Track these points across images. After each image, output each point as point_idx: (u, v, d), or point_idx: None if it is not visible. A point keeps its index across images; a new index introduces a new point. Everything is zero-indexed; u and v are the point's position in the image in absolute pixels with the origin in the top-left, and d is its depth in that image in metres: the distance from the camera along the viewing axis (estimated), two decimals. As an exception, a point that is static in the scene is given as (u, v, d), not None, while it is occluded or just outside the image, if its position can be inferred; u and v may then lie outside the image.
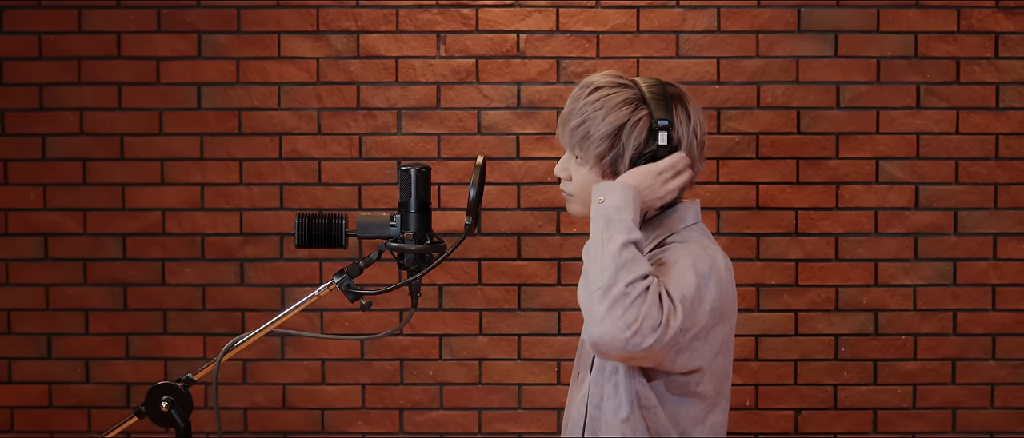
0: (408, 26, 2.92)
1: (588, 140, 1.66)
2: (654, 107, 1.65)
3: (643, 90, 1.67)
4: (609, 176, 1.68)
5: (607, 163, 1.66)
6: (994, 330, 2.95)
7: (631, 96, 1.66)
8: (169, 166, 2.95)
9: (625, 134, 1.65)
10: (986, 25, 2.90)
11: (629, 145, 1.65)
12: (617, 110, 1.65)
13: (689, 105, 1.69)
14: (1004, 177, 2.93)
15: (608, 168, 1.67)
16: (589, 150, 1.67)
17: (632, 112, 1.65)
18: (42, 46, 2.93)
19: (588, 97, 1.68)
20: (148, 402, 1.72)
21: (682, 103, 1.68)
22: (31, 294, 2.97)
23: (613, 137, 1.65)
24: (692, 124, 1.68)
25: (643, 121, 1.65)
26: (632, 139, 1.65)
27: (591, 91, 1.68)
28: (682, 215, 1.74)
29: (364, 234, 1.74)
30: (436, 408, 2.98)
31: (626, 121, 1.65)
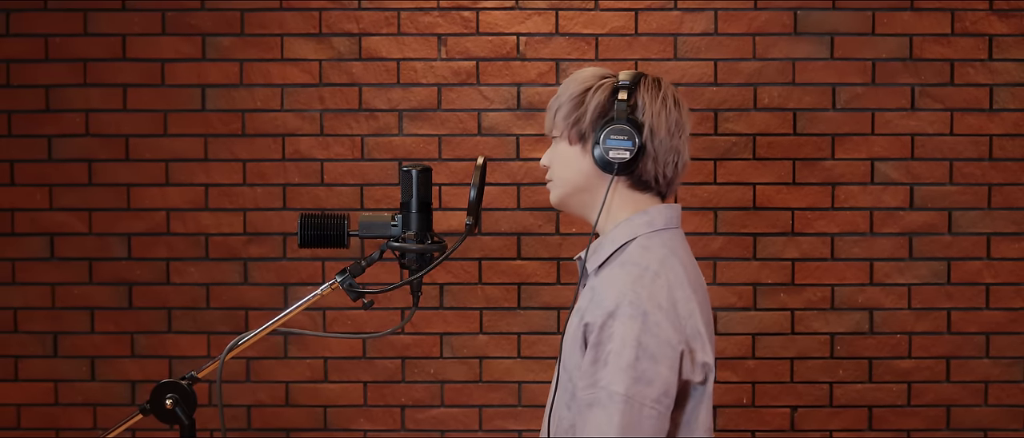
0: (409, 28, 2.92)
1: (560, 108, 1.68)
2: (622, 79, 1.65)
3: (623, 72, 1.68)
4: (575, 140, 1.66)
5: (571, 124, 1.66)
6: (988, 329, 2.95)
7: (607, 72, 1.69)
8: (174, 167, 2.95)
9: (589, 96, 1.65)
10: (980, 27, 2.90)
11: (591, 103, 1.64)
12: (586, 78, 1.68)
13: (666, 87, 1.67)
14: (997, 178, 2.93)
15: (573, 130, 1.66)
16: (559, 116, 1.68)
17: (600, 79, 1.67)
18: (48, 48, 2.93)
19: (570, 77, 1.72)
20: (153, 400, 1.72)
21: (657, 83, 1.67)
22: (37, 293, 2.97)
23: (578, 97, 1.66)
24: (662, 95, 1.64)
25: (607, 85, 1.66)
26: (595, 98, 1.65)
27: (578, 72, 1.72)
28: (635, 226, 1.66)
29: (366, 234, 1.74)
30: (437, 406, 2.98)
31: (592, 85, 1.66)
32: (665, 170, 1.65)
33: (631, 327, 1.52)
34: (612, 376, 1.52)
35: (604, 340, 1.54)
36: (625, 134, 1.61)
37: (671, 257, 1.62)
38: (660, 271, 1.59)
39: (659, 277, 1.58)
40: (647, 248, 1.63)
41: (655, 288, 1.56)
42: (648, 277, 1.57)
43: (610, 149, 1.61)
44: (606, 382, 1.52)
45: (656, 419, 1.52)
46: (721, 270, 2.94)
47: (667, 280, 1.58)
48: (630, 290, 1.55)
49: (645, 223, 1.66)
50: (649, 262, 1.60)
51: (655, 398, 1.52)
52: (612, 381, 1.51)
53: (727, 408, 2.97)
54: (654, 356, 1.52)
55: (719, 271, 2.94)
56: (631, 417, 1.51)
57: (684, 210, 2.92)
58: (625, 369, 1.51)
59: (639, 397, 1.51)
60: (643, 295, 1.55)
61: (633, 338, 1.52)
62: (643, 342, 1.52)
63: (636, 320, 1.53)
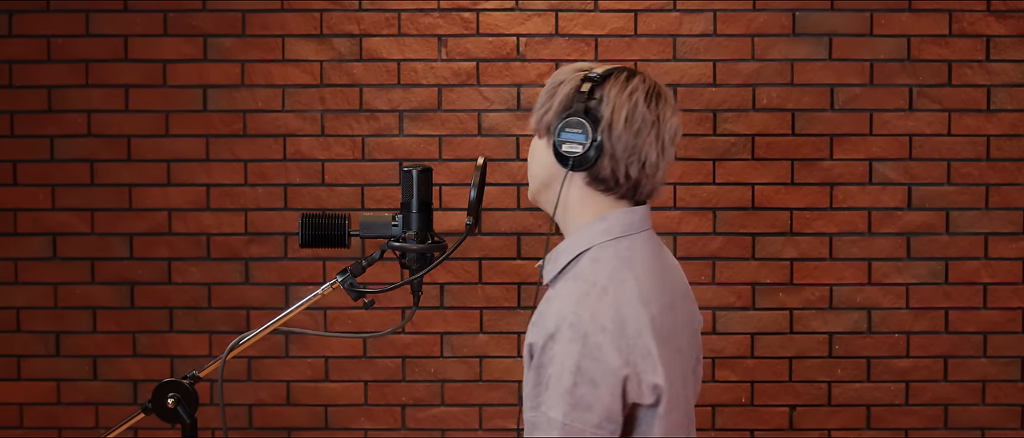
0: (410, 29, 2.92)
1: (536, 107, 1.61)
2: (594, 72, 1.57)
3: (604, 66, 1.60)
4: (543, 134, 1.59)
5: (540, 117, 1.58)
6: (985, 328, 2.95)
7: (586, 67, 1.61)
8: (175, 167, 2.95)
9: (560, 90, 1.57)
10: (977, 29, 2.90)
11: (558, 97, 1.57)
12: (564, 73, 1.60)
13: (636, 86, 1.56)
14: (995, 178, 2.93)
15: (541, 123, 1.58)
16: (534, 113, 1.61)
17: (572, 75, 1.59)
18: (50, 49, 2.93)
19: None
20: (155, 399, 1.72)
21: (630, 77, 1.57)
22: (40, 293, 2.97)
23: (551, 91, 1.59)
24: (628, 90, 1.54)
25: (577, 79, 1.57)
26: (562, 93, 1.57)
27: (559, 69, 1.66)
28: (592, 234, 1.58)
29: (367, 234, 1.74)
30: (437, 405, 2.98)
31: (566, 78, 1.59)
32: (628, 170, 1.54)
33: (571, 351, 1.45)
34: (551, 401, 1.46)
35: (545, 363, 1.47)
36: (580, 127, 1.52)
37: (623, 270, 1.53)
38: (608, 287, 1.50)
39: (606, 294, 1.49)
40: (598, 260, 1.54)
41: (600, 307, 1.48)
42: (594, 294, 1.49)
43: (563, 142, 1.53)
44: (546, 407, 1.46)
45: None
46: (720, 270, 2.94)
47: (615, 298, 1.49)
48: (572, 311, 1.47)
49: (602, 231, 1.57)
50: (598, 277, 1.51)
51: (595, 424, 1.45)
52: (551, 406, 1.46)
53: (726, 407, 2.97)
54: (594, 381, 1.45)
55: (718, 271, 2.94)
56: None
57: (683, 210, 2.92)
58: (563, 395, 1.45)
59: (577, 423, 1.44)
60: (585, 316, 1.47)
61: (573, 363, 1.45)
62: (582, 367, 1.45)
63: (576, 344, 1.45)
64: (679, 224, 2.93)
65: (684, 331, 1.61)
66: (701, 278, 2.93)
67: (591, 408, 1.44)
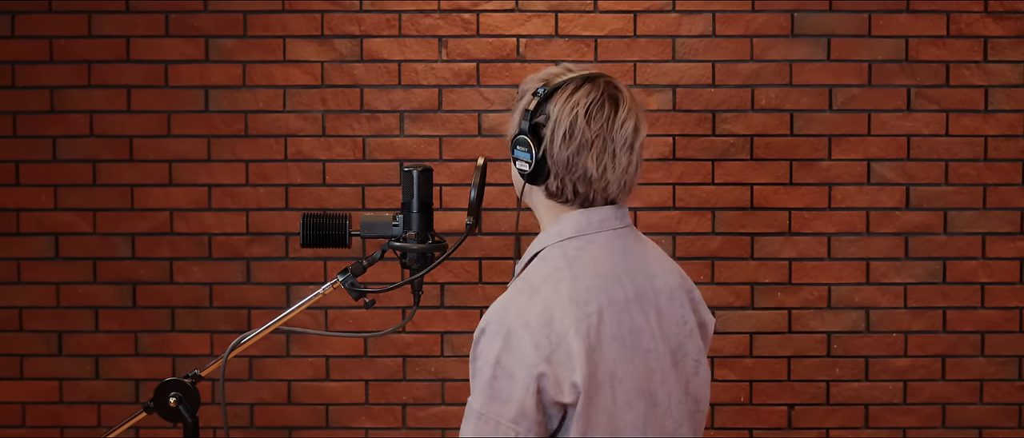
0: (410, 30, 2.92)
1: None
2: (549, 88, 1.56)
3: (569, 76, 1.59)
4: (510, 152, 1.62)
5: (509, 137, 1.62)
6: (983, 327, 2.95)
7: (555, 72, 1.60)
8: (177, 167, 2.95)
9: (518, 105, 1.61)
10: (975, 29, 2.91)
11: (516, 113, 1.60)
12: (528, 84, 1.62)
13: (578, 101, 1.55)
14: (992, 178, 2.93)
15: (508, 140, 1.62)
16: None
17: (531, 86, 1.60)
18: (53, 50, 2.94)
19: None
20: (157, 398, 1.72)
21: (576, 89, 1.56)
22: (42, 292, 2.97)
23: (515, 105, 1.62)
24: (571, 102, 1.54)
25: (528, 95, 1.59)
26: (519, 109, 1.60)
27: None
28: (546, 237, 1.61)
29: (367, 234, 1.74)
30: (438, 404, 2.98)
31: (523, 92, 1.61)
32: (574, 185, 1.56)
33: (493, 345, 1.51)
34: (475, 392, 1.53)
35: (475, 356, 1.55)
36: (525, 146, 1.57)
37: (563, 269, 1.54)
38: (541, 287, 1.53)
39: (537, 294, 1.52)
40: (545, 260, 1.57)
41: (529, 306, 1.51)
42: (527, 294, 1.53)
43: (516, 159, 1.59)
44: (471, 398, 1.53)
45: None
46: (719, 269, 2.94)
47: (545, 297, 1.51)
48: (502, 309, 1.53)
49: (555, 233, 1.59)
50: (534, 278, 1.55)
51: (511, 417, 1.48)
52: (474, 397, 1.52)
53: (725, 406, 2.97)
54: (512, 375, 1.49)
55: (717, 270, 2.94)
56: (486, 433, 1.49)
57: (682, 210, 2.92)
58: (483, 387, 1.51)
59: (493, 415, 1.49)
60: (512, 313, 1.51)
61: (493, 357, 1.51)
62: (502, 361, 1.50)
63: (498, 338, 1.51)
64: (678, 224, 2.93)
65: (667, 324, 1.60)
66: (700, 278, 2.93)
67: (508, 401, 1.49)
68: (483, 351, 1.53)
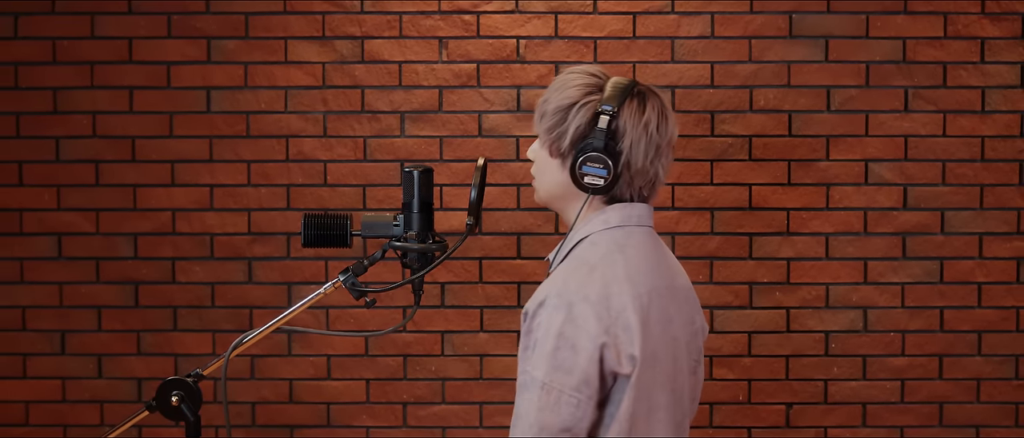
0: (411, 32, 2.92)
1: (544, 115, 1.67)
2: (607, 96, 1.62)
3: (607, 81, 1.66)
4: (555, 155, 1.66)
5: (553, 138, 1.65)
6: (980, 327, 2.95)
7: (592, 83, 1.66)
8: (179, 168, 2.95)
9: (572, 113, 1.63)
10: (972, 31, 2.91)
11: (572, 124, 1.63)
12: (573, 89, 1.65)
13: (649, 104, 1.64)
14: (989, 178, 2.93)
15: (554, 144, 1.65)
16: (543, 124, 1.67)
17: (585, 95, 1.64)
18: (56, 51, 2.94)
19: (558, 78, 1.69)
20: (159, 397, 1.72)
21: (641, 101, 1.64)
22: (45, 292, 2.97)
23: (562, 113, 1.64)
24: (644, 120, 1.63)
25: (591, 105, 1.63)
26: (576, 119, 1.63)
27: (564, 73, 1.69)
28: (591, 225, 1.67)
29: (368, 234, 1.74)
30: (438, 403, 2.98)
31: (576, 101, 1.64)
32: (642, 190, 1.67)
33: (555, 317, 1.55)
34: (536, 362, 1.56)
35: (533, 328, 1.58)
36: (601, 163, 1.61)
37: (615, 253, 1.62)
38: (598, 266, 1.60)
39: (595, 271, 1.59)
40: (595, 244, 1.64)
41: (588, 281, 1.58)
42: (584, 271, 1.59)
43: (585, 175, 1.61)
44: (531, 367, 1.56)
45: (575, 407, 1.55)
46: (717, 269, 2.94)
47: (602, 275, 1.59)
48: (561, 283, 1.58)
49: (601, 222, 1.66)
50: (590, 257, 1.62)
51: (574, 386, 1.54)
52: (535, 366, 1.56)
53: (723, 405, 2.97)
54: (574, 346, 1.54)
55: (715, 270, 2.94)
56: (547, 401, 1.55)
57: (681, 210, 2.92)
58: (546, 357, 1.55)
59: (556, 384, 1.54)
60: (572, 287, 1.57)
61: (556, 328, 1.55)
62: (564, 332, 1.55)
63: (561, 311, 1.56)
64: (677, 224, 2.93)
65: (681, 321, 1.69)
66: (699, 277, 2.93)
67: (571, 371, 1.54)
68: (544, 322, 1.57)
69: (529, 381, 1.56)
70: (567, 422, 1.55)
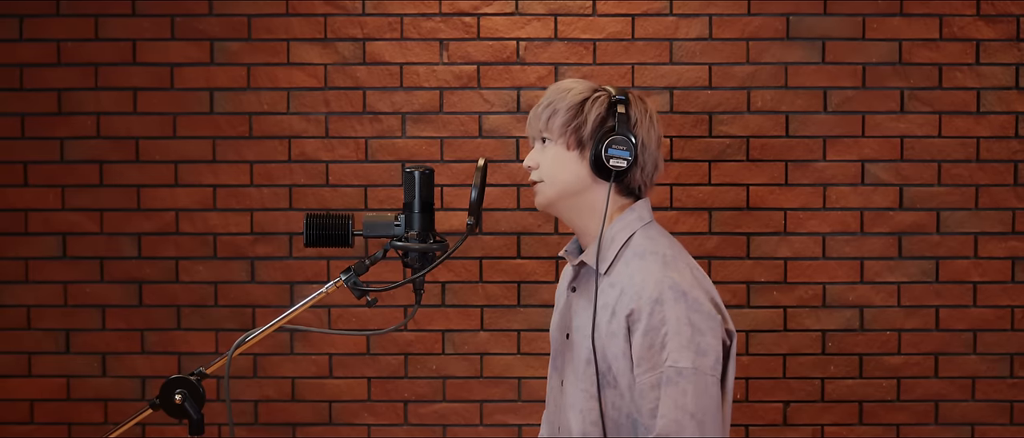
0: (412, 34, 2.92)
1: (555, 114, 1.75)
2: (614, 92, 1.76)
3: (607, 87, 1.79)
4: (574, 146, 1.74)
5: (571, 131, 1.74)
6: (975, 326, 2.95)
7: (591, 84, 1.79)
8: (182, 168, 2.95)
9: (588, 105, 1.74)
10: (967, 33, 2.90)
11: (591, 114, 1.73)
12: (579, 88, 1.77)
13: (648, 104, 1.78)
14: (984, 179, 2.93)
15: (572, 137, 1.74)
16: (555, 122, 1.75)
17: (593, 91, 1.77)
18: (60, 53, 2.93)
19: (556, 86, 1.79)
20: (162, 395, 1.72)
21: (641, 99, 1.78)
22: (50, 291, 2.97)
23: (577, 107, 1.74)
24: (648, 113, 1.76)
25: (603, 98, 1.75)
26: (594, 110, 1.73)
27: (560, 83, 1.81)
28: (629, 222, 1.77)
29: (370, 233, 1.74)
30: (439, 401, 2.98)
31: (588, 95, 1.76)
32: (647, 178, 1.77)
33: (679, 308, 1.63)
34: (676, 354, 1.62)
35: (656, 325, 1.64)
36: (625, 145, 1.71)
37: (673, 244, 1.74)
38: (675, 255, 1.71)
39: (677, 260, 1.70)
40: (651, 238, 1.73)
41: (680, 270, 1.68)
42: (671, 261, 1.69)
43: (611, 157, 1.70)
44: (671, 361, 1.62)
45: (716, 385, 1.64)
46: (715, 269, 2.94)
47: (685, 261, 1.71)
48: (665, 276, 1.66)
49: (637, 218, 1.76)
50: (663, 249, 1.71)
51: (711, 366, 1.64)
52: (677, 359, 1.62)
53: (721, 403, 2.97)
54: (702, 330, 1.64)
55: (714, 270, 2.94)
56: (701, 387, 1.62)
57: (679, 210, 2.92)
58: (686, 346, 1.62)
59: (703, 368, 1.63)
60: (677, 278, 1.66)
61: (685, 317, 1.63)
62: (692, 320, 1.64)
63: (681, 302, 1.64)
64: (675, 224, 2.93)
65: None
66: (697, 277, 2.92)
67: (707, 353, 1.64)
68: (669, 316, 1.64)
69: (675, 374, 1.62)
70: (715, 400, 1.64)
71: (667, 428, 1.62)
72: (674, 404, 1.62)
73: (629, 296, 1.67)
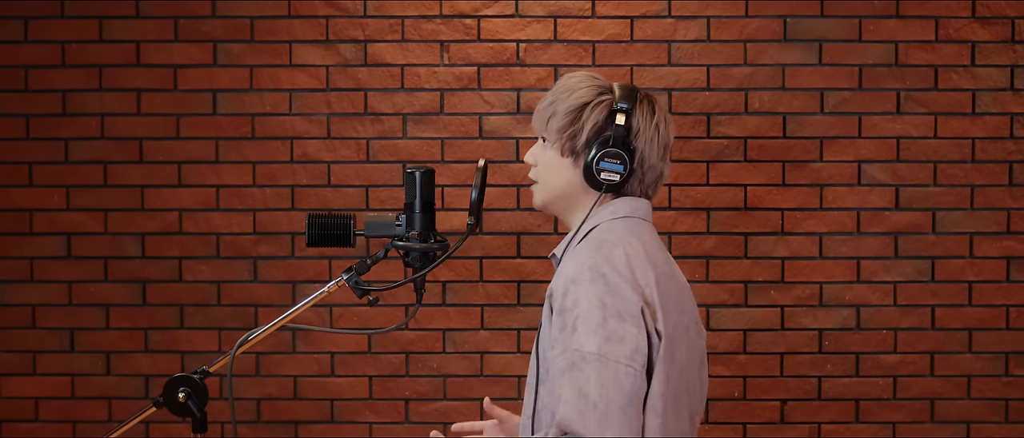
0: (413, 36, 2.92)
1: (554, 116, 1.67)
2: (619, 96, 1.65)
3: (614, 85, 1.69)
4: (568, 153, 1.66)
5: (566, 137, 1.66)
6: (970, 325, 2.95)
7: (599, 84, 1.69)
8: (186, 168, 2.95)
9: (586, 111, 1.65)
10: (963, 35, 2.90)
11: (588, 122, 1.64)
12: (583, 90, 1.67)
13: (657, 106, 1.68)
14: (979, 179, 2.93)
15: (567, 143, 1.66)
16: (553, 124, 1.67)
17: (598, 94, 1.67)
18: (65, 54, 2.93)
19: (563, 83, 1.71)
20: (166, 393, 1.72)
21: (650, 102, 1.68)
22: (55, 290, 2.97)
23: (576, 112, 1.66)
24: (655, 120, 1.66)
25: (605, 103, 1.65)
26: (592, 117, 1.65)
27: (565, 79, 1.71)
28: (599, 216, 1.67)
29: (371, 233, 1.74)
30: (440, 399, 2.98)
31: (590, 100, 1.66)
32: (647, 187, 1.69)
33: (593, 290, 1.51)
34: (583, 338, 1.49)
35: (569, 306, 1.52)
36: (618, 159, 1.62)
37: (630, 237, 1.61)
38: (617, 243, 1.58)
39: (617, 247, 1.57)
40: (609, 229, 1.63)
41: (613, 255, 1.55)
42: (606, 248, 1.57)
43: (602, 171, 1.62)
44: (578, 344, 1.49)
45: (633, 377, 1.48)
46: (713, 268, 2.94)
47: (624, 251, 1.57)
48: (590, 258, 1.55)
49: (609, 212, 1.66)
50: (607, 237, 1.60)
51: (628, 356, 1.48)
52: (584, 343, 1.49)
53: (719, 401, 2.97)
54: (620, 314, 1.50)
55: (711, 269, 2.94)
56: (607, 374, 1.47)
57: (677, 211, 2.92)
58: (594, 329, 1.49)
59: (612, 355, 1.48)
60: (601, 260, 1.54)
61: (597, 300, 1.51)
62: (606, 303, 1.50)
63: (597, 282, 1.52)
64: (674, 224, 2.93)
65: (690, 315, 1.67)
66: (695, 276, 2.92)
67: (623, 341, 1.49)
68: (582, 298, 1.51)
69: (579, 359, 1.48)
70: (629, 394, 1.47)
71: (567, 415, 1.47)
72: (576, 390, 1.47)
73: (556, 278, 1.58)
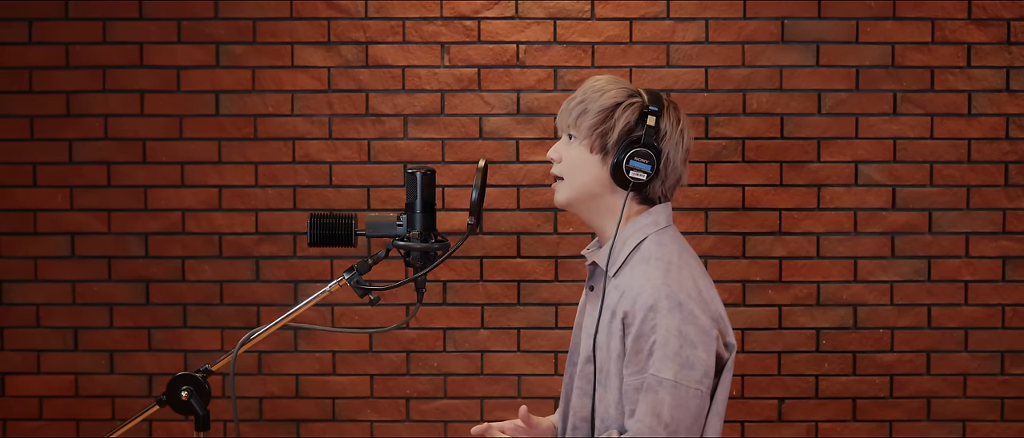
0: (414, 37, 2.92)
1: (585, 114, 1.72)
2: (648, 99, 1.71)
3: (641, 90, 1.75)
4: (597, 150, 1.72)
5: (597, 135, 1.71)
6: (967, 324, 2.95)
7: (628, 87, 1.75)
8: (189, 169, 2.95)
9: (619, 111, 1.71)
10: (959, 36, 2.90)
11: (620, 121, 1.70)
12: (614, 91, 1.73)
13: (681, 113, 1.75)
14: (976, 179, 2.93)
15: (597, 141, 1.71)
16: (583, 122, 1.72)
17: (628, 96, 1.73)
18: (69, 56, 2.93)
19: (592, 84, 1.76)
20: (169, 392, 1.72)
21: (675, 108, 1.75)
22: (58, 290, 2.97)
23: (608, 111, 1.71)
24: (680, 126, 1.73)
25: (636, 105, 1.72)
26: (624, 117, 1.70)
27: (593, 80, 1.77)
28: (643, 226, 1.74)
29: (372, 233, 1.74)
30: (440, 397, 2.98)
31: (621, 101, 1.72)
32: (667, 190, 1.75)
33: (672, 319, 1.62)
34: (660, 364, 1.61)
35: (647, 332, 1.63)
36: (647, 158, 1.68)
37: (685, 251, 1.72)
38: (681, 264, 1.68)
39: (682, 269, 1.67)
40: (662, 244, 1.70)
41: (682, 279, 1.65)
42: (674, 271, 1.66)
43: (631, 169, 1.68)
44: (654, 370, 1.61)
45: (699, 399, 1.63)
46: (712, 268, 2.94)
47: (690, 271, 1.68)
48: (663, 284, 1.63)
49: (651, 223, 1.73)
50: (670, 257, 1.68)
51: (697, 380, 1.62)
52: (660, 369, 1.61)
53: (717, 400, 2.97)
54: (693, 343, 1.62)
55: (710, 269, 2.94)
56: (679, 398, 1.61)
57: (676, 210, 2.92)
58: (672, 357, 1.61)
59: (685, 381, 1.61)
60: (675, 287, 1.64)
61: (675, 328, 1.61)
62: (683, 332, 1.62)
63: (675, 312, 1.62)
64: (672, 224, 2.93)
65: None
66: (693, 276, 2.92)
67: (694, 367, 1.62)
68: (661, 324, 1.62)
69: (655, 383, 1.61)
70: (694, 414, 1.63)
71: (639, 431, 1.63)
72: (650, 410, 1.62)
73: (627, 299, 1.66)
